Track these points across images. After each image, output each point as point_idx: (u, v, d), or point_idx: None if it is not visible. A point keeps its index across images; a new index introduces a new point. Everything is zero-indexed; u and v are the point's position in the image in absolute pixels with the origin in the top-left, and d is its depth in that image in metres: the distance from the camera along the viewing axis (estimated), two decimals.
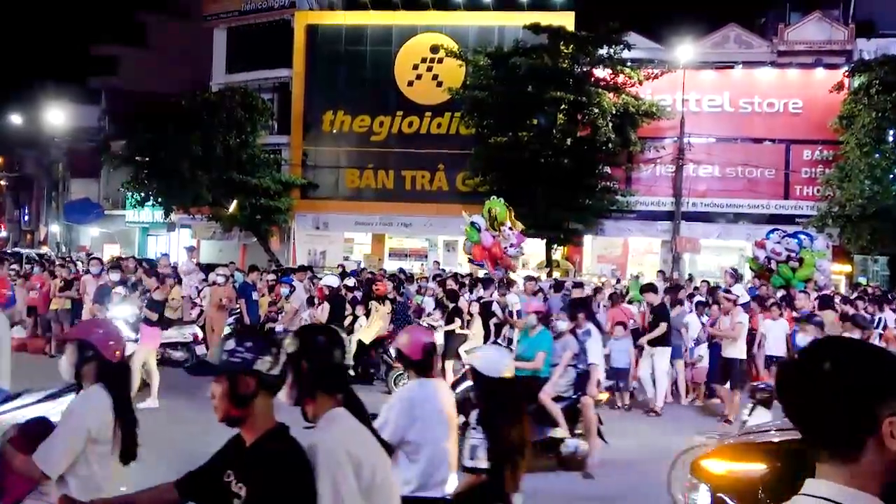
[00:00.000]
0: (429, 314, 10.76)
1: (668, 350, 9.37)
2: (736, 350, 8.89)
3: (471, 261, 15.82)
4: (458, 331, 9.88)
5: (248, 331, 4.70)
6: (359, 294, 11.32)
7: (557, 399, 6.52)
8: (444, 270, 19.23)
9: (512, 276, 14.16)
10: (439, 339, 9.71)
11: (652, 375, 9.37)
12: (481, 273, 14.42)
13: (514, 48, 20.09)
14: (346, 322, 10.81)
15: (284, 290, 11.49)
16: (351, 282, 12.17)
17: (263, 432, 1.92)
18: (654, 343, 9.36)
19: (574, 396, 6.62)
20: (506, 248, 15.19)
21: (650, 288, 9.85)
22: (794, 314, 9.93)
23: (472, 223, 15.74)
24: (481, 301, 10.84)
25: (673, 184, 21.97)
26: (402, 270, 17.29)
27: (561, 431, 6.40)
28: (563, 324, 7.03)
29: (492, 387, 3.08)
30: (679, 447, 5.47)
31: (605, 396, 7.35)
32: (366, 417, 2.15)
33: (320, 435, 1.98)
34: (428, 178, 24.03)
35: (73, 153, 31.60)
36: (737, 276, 12.92)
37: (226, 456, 2.00)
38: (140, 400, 7.42)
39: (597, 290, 12.54)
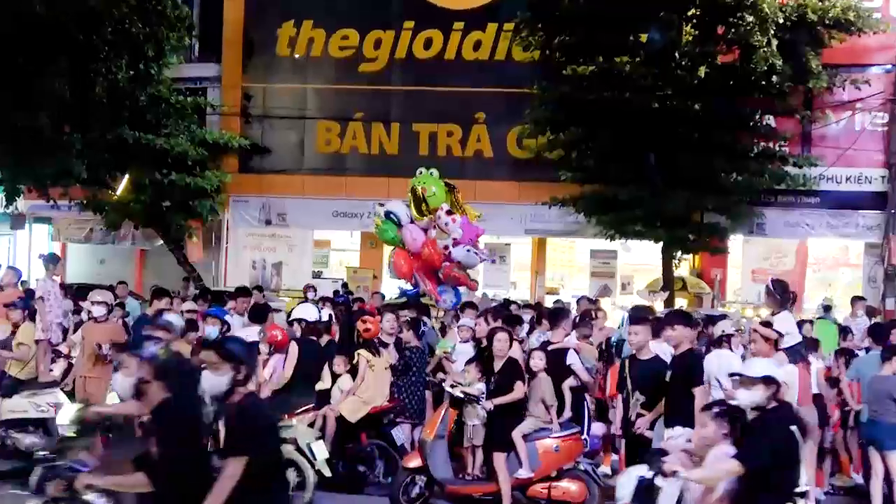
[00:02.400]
0: (462, 372, 10.93)
1: None
2: None
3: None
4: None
5: None
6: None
7: None
8: (485, 295, 19.10)
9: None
10: (476, 417, 9.64)
11: None
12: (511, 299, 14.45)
13: None
14: (324, 384, 11.20)
15: (213, 328, 11.66)
16: (325, 314, 12.66)
17: None
18: None
19: None
20: (447, 247, 15.01)
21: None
22: None
23: (388, 214, 15.75)
24: (549, 349, 10.99)
25: (885, 145, 21.95)
26: (412, 296, 17.24)
27: None
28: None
29: None
30: None
31: None
32: None
33: None
34: (457, 136, 24.20)
35: None
36: None
37: None
38: None
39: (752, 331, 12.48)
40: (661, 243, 20.40)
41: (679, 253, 20.92)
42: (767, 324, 10.05)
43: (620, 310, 21.71)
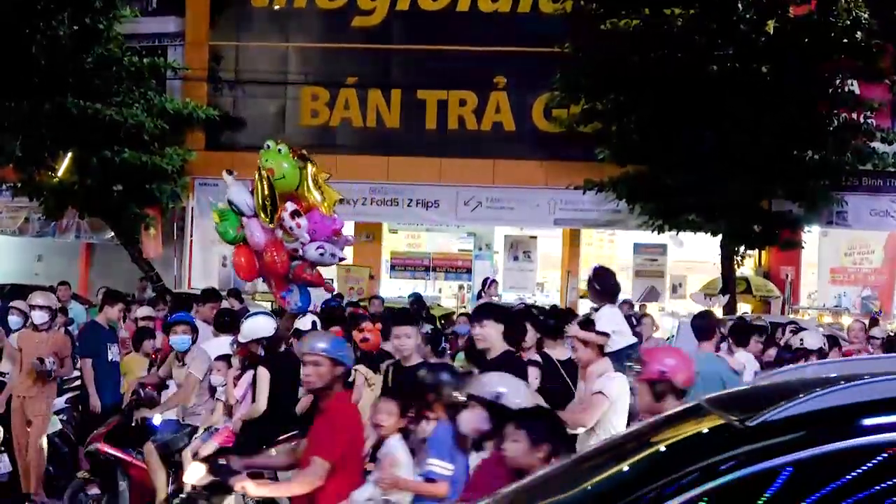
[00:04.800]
0: None
1: None
2: None
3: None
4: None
5: None
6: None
7: None
8: (523, 301, 19.21)
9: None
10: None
11: None
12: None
13: None
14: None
15: (183, 337, 11.51)
16: (307, 322, 12.77)
17: None
18: None
19: None
20: (296, 250, 14.83)
21: None
22: None
23: (230, 204, 15.57)
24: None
25: None
26: (416, 300, 17.37)
27: None
28: None
29: None
30: None
31: None
32: None
33: None
34: (472, 105, 24.29)
35: None
36: None
37: None
38: None
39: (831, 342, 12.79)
40: (719, 236, 20.44)
41: (742, 248, 20.90)
42: (588, 323, 10.01)
43: (671, 317, 21.82)
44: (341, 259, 16.03)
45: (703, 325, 10.85)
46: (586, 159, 21.03)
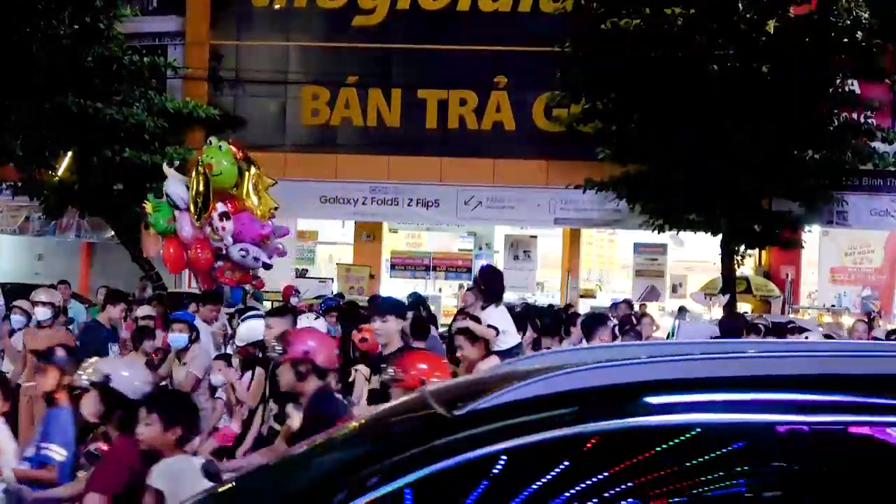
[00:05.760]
0: None
1: None
2: None
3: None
4: None
5: None
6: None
7: None
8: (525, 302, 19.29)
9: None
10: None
11: None
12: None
13: None
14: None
15: (180, 335, 11.53)
16: (309, 321, 12.27)
17: None
18: None
19: None
20: (221, 249, 14.81)
21: None
22: None
23: (166, 196, 15.59)
24: None
25: None
26: (416, 299, 17.21)
27: None
28: None
29: None
30: None
31: None
32: None
33: None
34: (472, 105, 24.40)
35: None
36: None
37: None
38: None
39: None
40: (719, 236, 20.45)
41: (742, 247, 20.90)
42: (474, 320, 10.19)
43: (671, 316, 21.79)
44: (267, 265, 16.01)
45: (732, 327, 10.84)
46: (586, 159, 21.09)
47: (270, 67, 25.32)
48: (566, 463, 3.24)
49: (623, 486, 3.18)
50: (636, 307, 19.59)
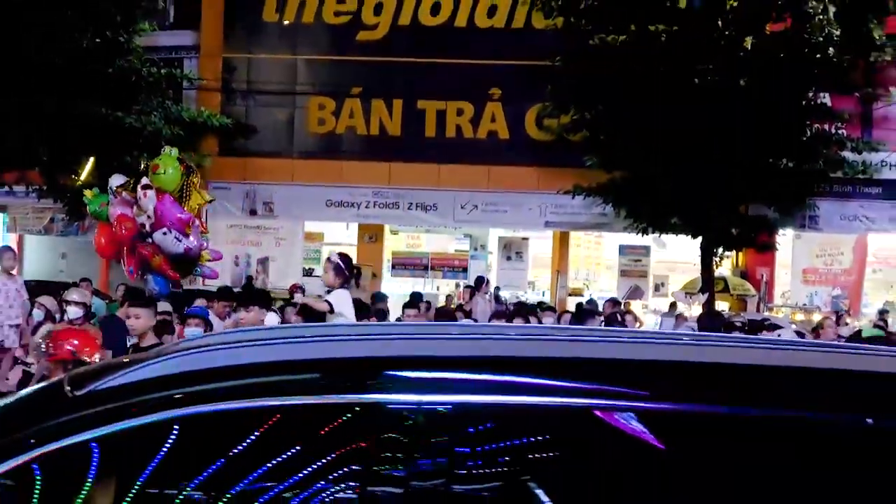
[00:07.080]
0: None
1: None
2: None
3: None
4: None
5: None
6: None
7: None
8: (520, 299, 19.62)
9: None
10: None
11: None
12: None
13: None
14: None
15: (196, 329, 11.47)
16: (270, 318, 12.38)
17: None
18: None
19: None
20: (144, 226, 14.45)
21: None
22: None
23: (111, 189, 14.98)
24: None
25: None
26: (416, 298, 17.89)
27: None
28: None
29: None
30: None
31: None
32: None
33: None
34: (469, 115, 24.62)
35: None
36: None
37: None
38: None
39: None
40: (700, 239, 20.42)
41: (721, 249, 20.88)
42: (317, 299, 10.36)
43: (654, 314, 22.41)
44: (189, 250, 15.02)
45: (711, 325, 11.17)
46: (575, 166, 21.19)
47: (279, 79, 25.45)
48: (176, 445, 3.17)
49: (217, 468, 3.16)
50: (622, 305, 19.80)
